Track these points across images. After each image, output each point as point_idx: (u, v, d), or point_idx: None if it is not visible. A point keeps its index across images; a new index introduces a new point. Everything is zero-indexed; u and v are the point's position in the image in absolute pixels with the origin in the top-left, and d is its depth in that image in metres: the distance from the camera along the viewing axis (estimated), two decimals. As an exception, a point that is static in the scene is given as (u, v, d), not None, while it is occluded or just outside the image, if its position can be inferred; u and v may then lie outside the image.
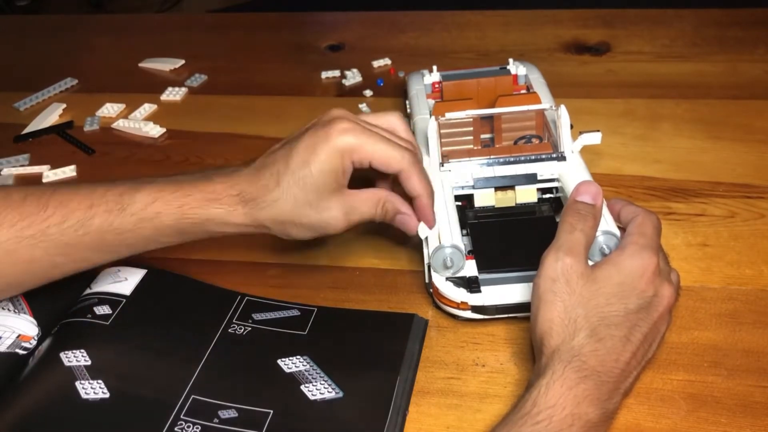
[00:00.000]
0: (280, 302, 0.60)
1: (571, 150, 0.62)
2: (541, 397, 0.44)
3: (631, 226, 0.52)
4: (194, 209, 0.54)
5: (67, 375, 0.53)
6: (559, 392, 0.44)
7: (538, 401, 0.44)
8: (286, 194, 0.53)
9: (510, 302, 0.55)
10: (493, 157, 0.63)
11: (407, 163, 0.54)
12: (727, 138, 0.75)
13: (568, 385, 0.44)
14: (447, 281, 0.56)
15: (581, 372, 0.45)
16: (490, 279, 0.56)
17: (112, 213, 0.54)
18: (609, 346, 0.46)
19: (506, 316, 0.56)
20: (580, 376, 0.45)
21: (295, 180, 0.53)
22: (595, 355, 0.46)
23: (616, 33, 0.97)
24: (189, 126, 0.86)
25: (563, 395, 0.44)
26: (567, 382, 0.45)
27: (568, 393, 0.44)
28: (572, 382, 0.45)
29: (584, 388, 0.45)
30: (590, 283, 0.48)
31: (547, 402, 0.44)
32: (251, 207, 0.54)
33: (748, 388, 0.51)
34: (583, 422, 0.44)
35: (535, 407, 0.44)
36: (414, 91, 0.76)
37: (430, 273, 0.57)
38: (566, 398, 0.44)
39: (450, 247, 0.55)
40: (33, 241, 0.53)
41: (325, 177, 0.53)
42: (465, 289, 0.55)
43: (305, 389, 0.52)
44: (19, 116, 0.91)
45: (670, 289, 0.50)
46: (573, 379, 0.45)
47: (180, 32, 1.12)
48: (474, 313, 0.55)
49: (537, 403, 0.44)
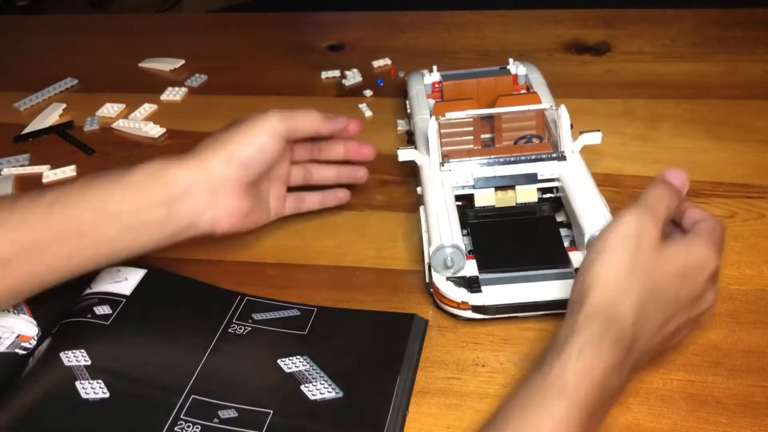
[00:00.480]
0: (280, 302, 0.60)
1: (571, 150, 0.62)
2: (570, 365, 0.42)
3: (702, 224, 0.50)
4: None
5: (67, 375, 0.53)
6: (590, 362, 0.43)
7: (567, 369, 0.42)
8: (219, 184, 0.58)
9: (511, 302, 0.55)
10: (493, 157, 0.63)
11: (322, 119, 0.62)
12: (727, 138, 0.75)
13: (602, 357, 0.43)
14: (447, 281, 0.56)
15: (618, 343, 0.44)
16: (491, 279, 0.56)
17: None
18: (650, 324, 0.46)
19: (507, 315, 0.56)
20: (615, 346, 0.43)
21: (227, 165, 0.58)
22: (635, 327, 0.45)
23: (616, 33, 0.97)
24: (189, 126, 0.86)
25: (594, 365, 0.43)
26: (602, 352, 0.43)
27: (599, 364, 0.43)
28: (606, 353, 0.43)
29: (615, 360, 0.43)
30: (658, 254, 0.46)
31: (577, 370, 0.42)
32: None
33: (748, 388, 0.51)
34: (606, 393, 0.43)
35: (563, 377, 0.42)
36: (414, 91, 0.76)
37: (431, 273, 0.57)
38: (596, 369, 0.42)
39: (450, 246, 0.55)
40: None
41: (260, 164, 0.59)
42: (465, 289, 0.55)
43: (305, 389, 0.52)
44: (19, 116, 0.91)
45: (714, 299, 0.49)
46: (608, 349, 0.43)
47: (180, 32, 1.12)
48: (474, 312, 0.55)
49: (565, 371, 0.42)
